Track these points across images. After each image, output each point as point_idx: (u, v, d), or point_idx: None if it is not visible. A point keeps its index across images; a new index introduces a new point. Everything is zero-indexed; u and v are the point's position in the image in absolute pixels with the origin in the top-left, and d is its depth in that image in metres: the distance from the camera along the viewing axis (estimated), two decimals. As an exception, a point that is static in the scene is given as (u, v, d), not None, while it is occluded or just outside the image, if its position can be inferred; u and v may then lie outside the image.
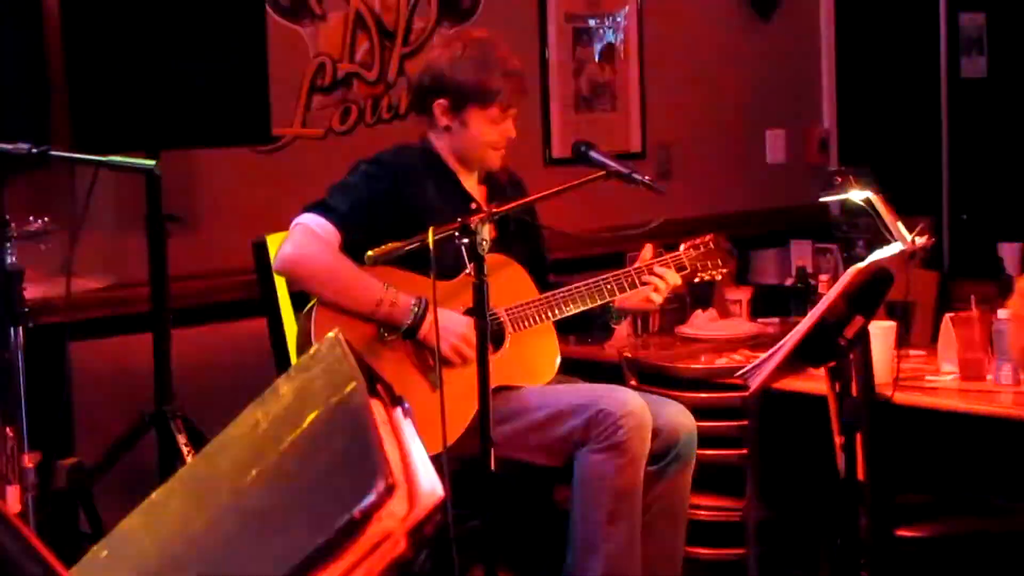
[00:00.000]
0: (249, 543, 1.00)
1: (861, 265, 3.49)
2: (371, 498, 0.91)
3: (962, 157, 7.08)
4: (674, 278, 4.19)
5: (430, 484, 0.96)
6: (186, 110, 4.33)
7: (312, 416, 1.08)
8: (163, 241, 4.36)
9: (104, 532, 3.99)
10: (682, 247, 4.28)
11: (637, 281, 4.16)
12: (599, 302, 4.16)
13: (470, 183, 4.27)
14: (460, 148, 4.20)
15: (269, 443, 1.09)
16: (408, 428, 1.09)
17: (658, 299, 4.20)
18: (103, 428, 4.55)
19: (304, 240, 3.99)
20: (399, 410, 1.12)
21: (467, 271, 3.92)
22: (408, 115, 5.41)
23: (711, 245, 4.29)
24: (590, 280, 4.16)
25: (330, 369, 1.12)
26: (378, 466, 0.94)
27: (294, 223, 4.04)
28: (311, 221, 4.00)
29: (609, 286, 4.15)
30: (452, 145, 4.20)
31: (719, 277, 4.35)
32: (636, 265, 4.21)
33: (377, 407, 1.08)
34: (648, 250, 4.25)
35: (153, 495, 1.19)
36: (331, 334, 1.20)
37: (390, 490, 0.92)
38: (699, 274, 4.29)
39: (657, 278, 4.15)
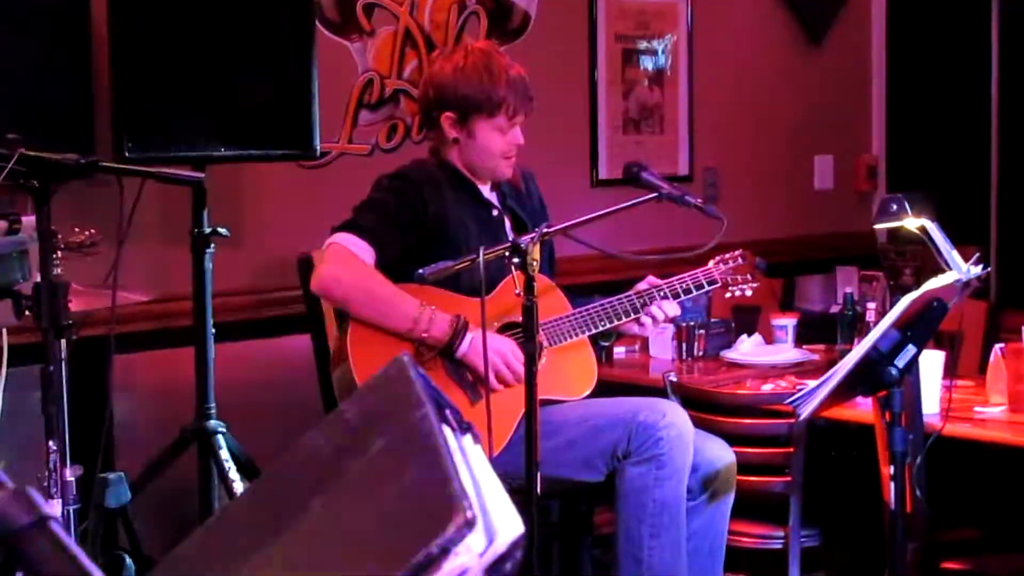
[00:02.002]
0: (317, 572, 0.97)
1: (915, 294, 3.44)
2: (450, 532, 0.88)
3: (1012, 186, 7.01)
4: (673, 310, 4.17)
5: (509, 517, 0.92)
6: (233, 124, 4.32)
7: (379, 443, 1.04)
8: (207, 255, 4.34)
9: (141, 548, 3.97)
10: (711, 262, 4.26)
11: (681, 290, 4.15)
12: (633, 316, 4.14)
13: (485, 189, 4.26)
14: (470, 159, 4.19)
15: (334, 470, 1.06)
16: (479, 456, 1.06)
17: (649, 325, 4.19)
18: (145, 442, 4.53)
19: (340, 259, 3.97)
20: (469, 437, 1.08)
21: (500, 286, 3.92)
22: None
23: (740, 260, 4.27)
24: (622, 295, 4.15)
25: (397, 394, 1.08)
26: (456, 498, 0.90)
27: (327, 243, 4.03)
28: (344, 240, 3.99)
29: (642, 299, 4.14)
30: (463, 157, 4.19)
31: (749, 292, 4.33)
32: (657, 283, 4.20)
33: (448, 434, 1.04)
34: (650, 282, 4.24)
35: (211, 519, 1.15)
36: (399, 357, 1.16)
37: (470, 524, 0.88)
38: (730, 288, 4.28)
39: (656, 310, 4.14)
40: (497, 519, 0.93)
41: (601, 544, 4.50)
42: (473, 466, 1.02)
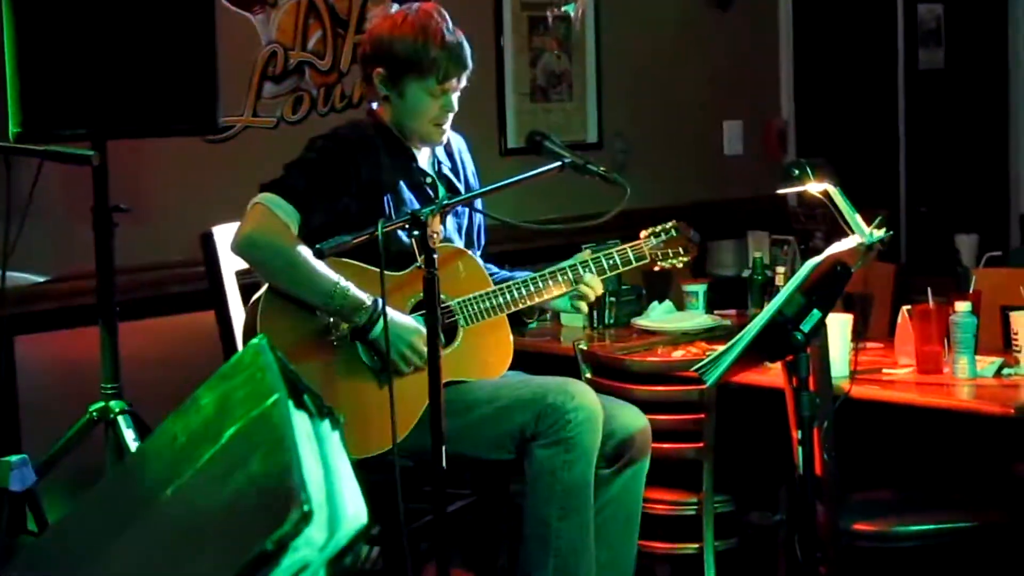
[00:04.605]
0: (161, 568, 0.93)
1: (818, 259, 3.44)
2: (286, 527, 0.85)
3: (919, 149, 7.07)
4: (598, 287, 4.13)
5: (353, 509, 0.89)
6: (132, 99, 4.25)
7: (231, 431, 1.01)
8: (109, 232, 4.28)
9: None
10: (642, 234, 4.20)
11: (607, 267, 4.11)
12: (556, 294, 4.09)
13: (421, 156, 4.19)
14: (400, 120, 4.11)
15: (187, 459, 1.02)
16: (335, 444, 1.02)
17: (583, 308, 4.15)
18: (51, 424, 4.46)
19: (263, 222, 3.89)
20: (327, 423, 1.05)
21: (419, 263, 3.85)
22: (361, 104, 5.36)
23: (673, 232, 4.21)
24: (544, 271, 4.09)
25: (252, 379, 1.05)
26: (294, 491, 0.87)
27: (252, 202, 3.93)
28: (270, 201, 3.90)
29: (565, 276, 4.08)
30: (394, 117, 4.12)
31: (680, 265, 4.26)
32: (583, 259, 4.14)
33: (302, 421, 1.01)
34: (586, 254, 4.18)
35: (68, 512, 1.12)
36: (255, 340, 1.13)
37: (306, 518, 0.85)
38: (659, 263, 4.21)
39: (586, 287, 4.09)
40: (343, 511, 0.90)
41: (516, 514, 4.48)
42: (328, 454, 0.99)
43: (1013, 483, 4.34)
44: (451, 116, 4.12)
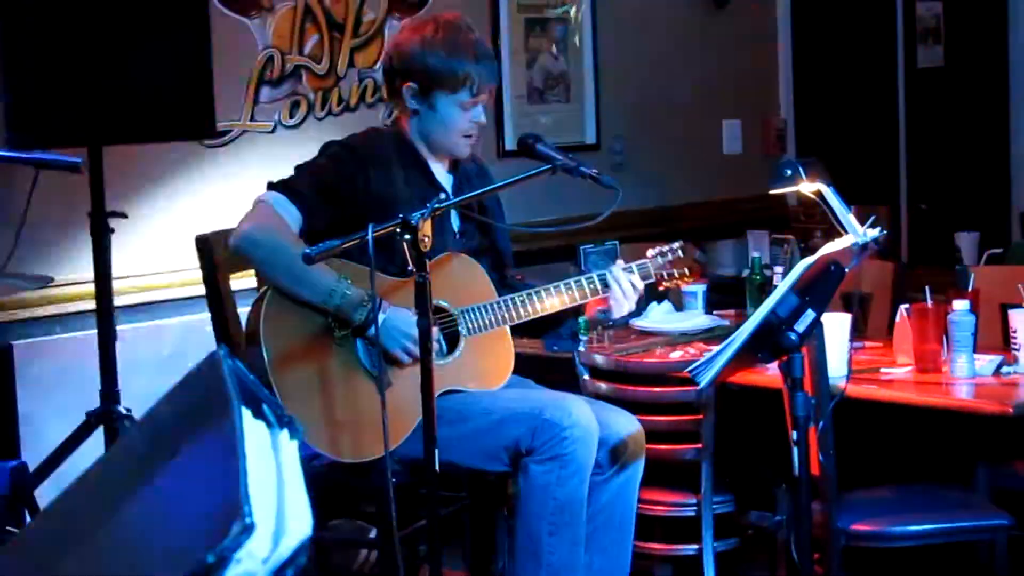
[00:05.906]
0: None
1: (811, 259, 3.44)
2: (226, 540, 0.85)
3: (919, 147, 7.06)
4: (639, 285, 4.10)
5: (299, 521, 0.90)
6: (129, 104, 4.25)
7: (186, 443, 1.01)
8: (107, 238, 4.28)
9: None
10: (649, 252, 4.18)
11: (599, 287, 4.06)
12: (560, 308, 4.07)
13: (440, 171, 4.16)
14: (429, 133, 4.08)
15: (143, 471, 1.03)
16: (290, 455, 1.03)
17: (619, 311, 4.11)
18: (49, 428, 4.47)
19: (265, 220, 3.88)
20: (285, 432, 1.05)
21: (430, 264, 3.83)
22: (358, 108, 5.37)
23: (680, 253, 4.18)
24: (550, 285, 4.06)
25: (210, 390, 1.06)
26: (238, 504, 0.88)
27: (257, 199, 3.92)
28: (274, 200, 3.89)
29: (571, 291, 4.05)
30: (421, 130, 4.08)
31: (684, 285, 4.26)
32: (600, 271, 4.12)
33: (258, 431, 1.01)
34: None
35: (26, 525, 1.12)
36: (214, 351, 1.13)
37: (248, 530, 0.86)
38: (664, 283, 4.20)
39: (620, 287, 4.05)
40: (288, 523, 0.90)
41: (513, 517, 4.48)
42: (282, 465, 0.99)
43: (1012, 482, 4.34)
44: (479, 127, 4.10)
